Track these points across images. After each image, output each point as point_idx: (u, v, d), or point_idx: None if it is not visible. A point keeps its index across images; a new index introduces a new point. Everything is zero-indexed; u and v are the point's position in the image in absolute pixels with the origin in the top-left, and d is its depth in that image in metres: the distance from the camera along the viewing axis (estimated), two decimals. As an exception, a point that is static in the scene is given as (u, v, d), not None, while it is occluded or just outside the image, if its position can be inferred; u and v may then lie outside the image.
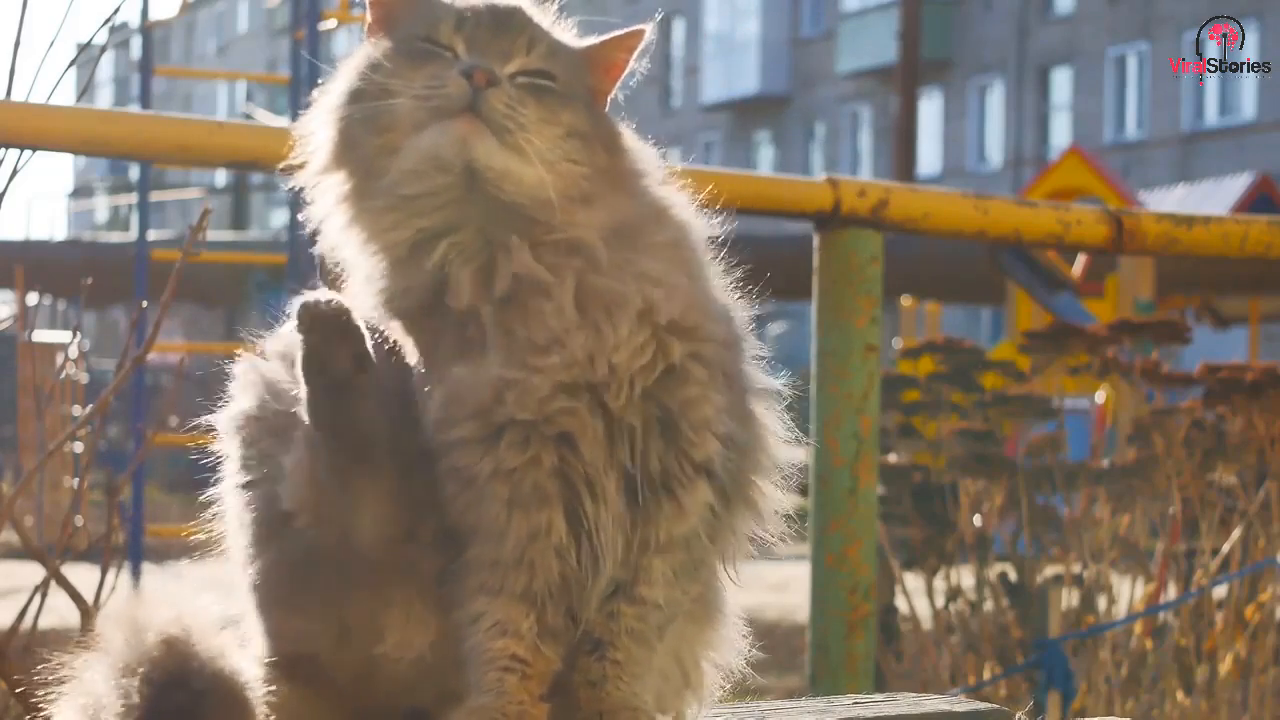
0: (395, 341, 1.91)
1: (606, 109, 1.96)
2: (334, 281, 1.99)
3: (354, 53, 1.95)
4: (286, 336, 2.00)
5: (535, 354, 1.83)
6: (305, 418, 1.89)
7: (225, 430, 2.01)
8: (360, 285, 1.93)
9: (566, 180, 1.84)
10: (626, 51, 1.97)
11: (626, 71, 1.98)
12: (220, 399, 2.03)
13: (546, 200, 1.83)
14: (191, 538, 2.06)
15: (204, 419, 2.04)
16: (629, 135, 1.96)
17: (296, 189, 1.96)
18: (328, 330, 1.85)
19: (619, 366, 1.84)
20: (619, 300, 1.84)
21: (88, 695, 1.84)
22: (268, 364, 2.00)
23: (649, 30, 1.97)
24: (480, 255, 1.85)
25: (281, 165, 1.95)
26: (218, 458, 2.03)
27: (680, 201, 1.96)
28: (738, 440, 1.92)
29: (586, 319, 1.83)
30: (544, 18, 1.95)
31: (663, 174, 1.97)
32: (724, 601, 2.04)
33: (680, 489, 1.88)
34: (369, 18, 1.96)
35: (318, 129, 1.93)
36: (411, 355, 1.91)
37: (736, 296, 1.99)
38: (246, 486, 1.96)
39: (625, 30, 1.97)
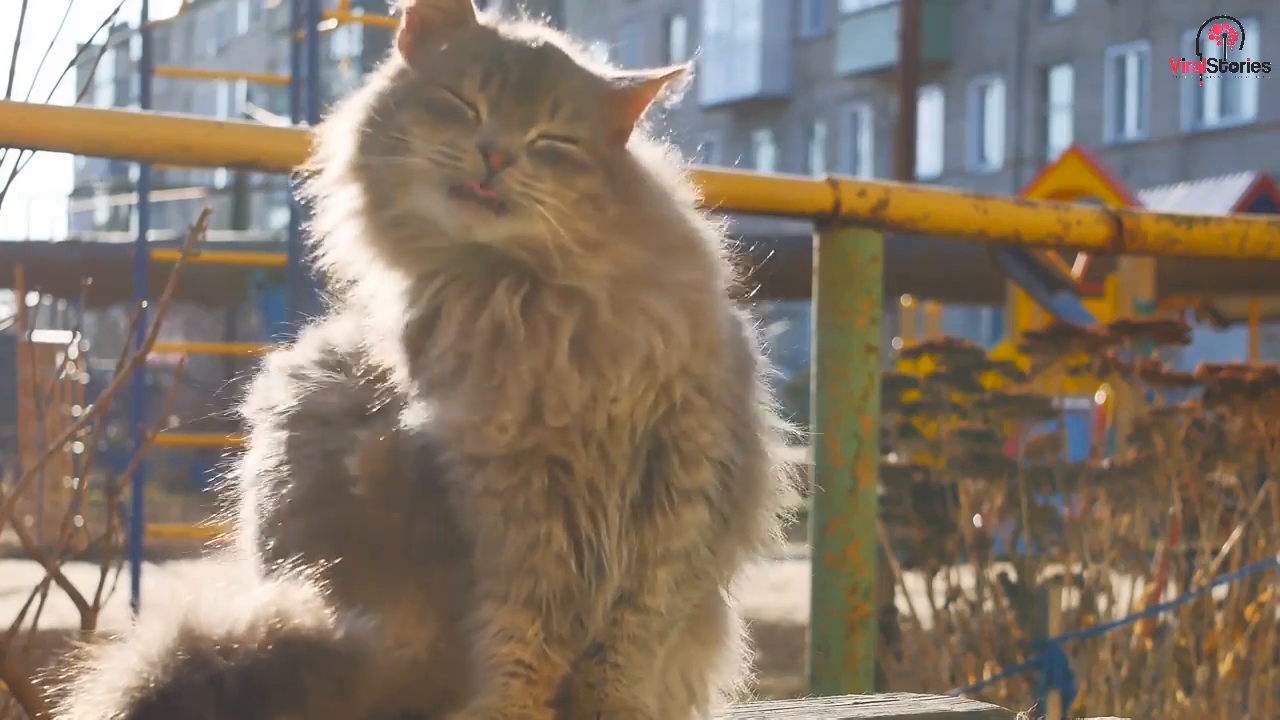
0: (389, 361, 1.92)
1: (630, 140, 1.94)
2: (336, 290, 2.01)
3: (385, 65, 1.94)
4: (321, 335, 2.03)
5: (503, 404, 1.84)
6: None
7: (257, 418, 2.02)
8: (363, 296, 1.94)
9: (573, 233, 1.83)
10: (662, 88, 1.96)
11: (655, 101, 1.96)
12: (224, 397, 2.04)
13: (549, 250, 1.83)
14: (196, 535, 2.06)
15: (231, 411, 2.05)
16: (653, 169, 1.95)
17: (306, 195, 1.95)
18: None
19: (619, 417, 1.86)
20: (624, 345, 1.85)
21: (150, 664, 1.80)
22: (304, 360, 2.02)
23: (688, 70, 1.96)
24: (476, 290, 1.86)
25: (295, 170, 1.95)
26: (239, 446, 2.05)
27: (706, 237, 1.95)
28: (736, 467, 1.93)
29: (589, 363, 1.84)
30: (575, 55, 1.94)
31: (689, 204, 1.96)
32: (729, 624, 2.07)
33: (675, 509, 1.90)
34: (402, 25, 1.94)
35: (337, 141, 1.92)
36: (400, 373, 1.91)
37: (749, 328, 1.99)
38: (279, 466, 1.97)
39: (666, 71, 1.96)
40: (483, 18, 1.94)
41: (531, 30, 1.95)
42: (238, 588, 1.89)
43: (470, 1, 1.93)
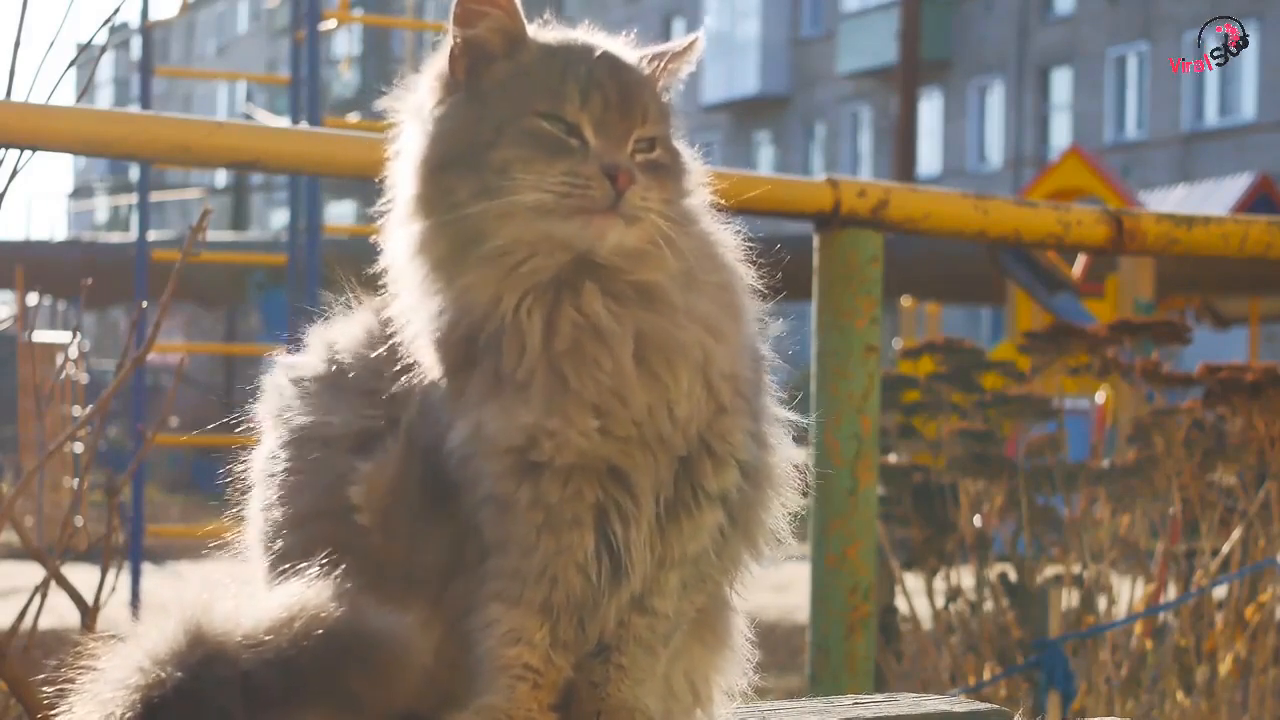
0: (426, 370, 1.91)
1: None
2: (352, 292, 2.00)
3: (431, 93, 1.90)
4: (327, 340, 2.02)
5: (580, 410, 1.83)
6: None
7: (263, 419, 2.02)
8: (407, 308, 1.91)
9: (661, 234, 1.85)
10: (683, 61, 1.98)
11: (674, 77, 1.98)
12: (225, 399, 2.05)
13: (648, 253, 1.84)
14: (196, 535, 2.06)
15: (232, 412, 2.05)
16: (687, 158, 1.96)
17: (377, 238, 1.94)
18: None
19: (681, 419, 1.85)
20: (679, 349, 1.85)
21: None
22: (310, 368, 2.01)
23: (700, 39, 1.98)
24: (549, 299, 1.85)
25: (372, 214, 1.95)
26: (240, 446, 2.05)
27: (725, 238, 1.96)
28: (752, 467, 1.94)
29: (646, 368, 1.84)
30: (620, 50, 1.94)
31: (707, 195, 1.97)
32: (733, 627, 2.07)
33: (700, 512, 1.91)
34: (456, 53, 1.89)
35: (405, 181, 1.89)
36: (440, 381, 1.90)
37: (759, 323, 2.00)
38: (284, 475, 1.97)
39: (683, 42, 1.98)
40: (529, 29, 1.92)
41: (573, 33, 1.94)
42: (248, 587, 1.89)
43: (524, 19, 1.91)
